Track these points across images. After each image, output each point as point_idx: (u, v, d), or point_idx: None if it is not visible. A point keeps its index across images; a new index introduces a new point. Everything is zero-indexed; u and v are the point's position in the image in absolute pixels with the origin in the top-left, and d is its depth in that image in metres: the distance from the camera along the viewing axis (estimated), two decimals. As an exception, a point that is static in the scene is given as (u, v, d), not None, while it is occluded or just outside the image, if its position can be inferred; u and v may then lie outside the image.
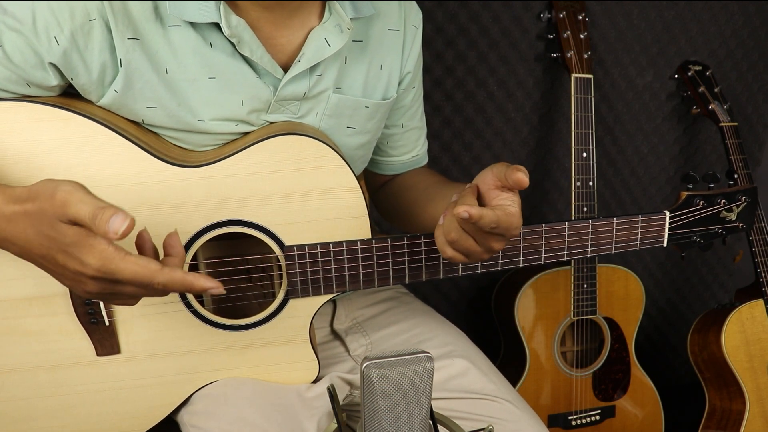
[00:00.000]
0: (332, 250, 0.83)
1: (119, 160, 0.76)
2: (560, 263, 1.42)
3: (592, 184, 1.38)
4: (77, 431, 0.84)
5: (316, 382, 0.88)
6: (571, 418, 1.48)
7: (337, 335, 1.01)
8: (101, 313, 0.80)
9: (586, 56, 1.40)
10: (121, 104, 0.77)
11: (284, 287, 0.83)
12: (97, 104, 0.78)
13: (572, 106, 1.38)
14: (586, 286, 1.42)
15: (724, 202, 0.99)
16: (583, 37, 1.40)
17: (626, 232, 0.92)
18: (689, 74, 1.55)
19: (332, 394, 0.71)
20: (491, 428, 0.71)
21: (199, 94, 0.79)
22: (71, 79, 0.75)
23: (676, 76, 1.60)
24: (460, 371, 0.93)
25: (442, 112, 1.48)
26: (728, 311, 1.43)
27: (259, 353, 0.86)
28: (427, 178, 1.03)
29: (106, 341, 0.81)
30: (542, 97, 1.55)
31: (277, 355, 0.86)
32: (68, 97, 0.79)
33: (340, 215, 0.83)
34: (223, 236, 0.81)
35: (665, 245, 0.96)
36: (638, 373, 1.53)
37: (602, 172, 1.65)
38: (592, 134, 1.38)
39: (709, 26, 1.60)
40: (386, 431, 0.59)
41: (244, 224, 0.81)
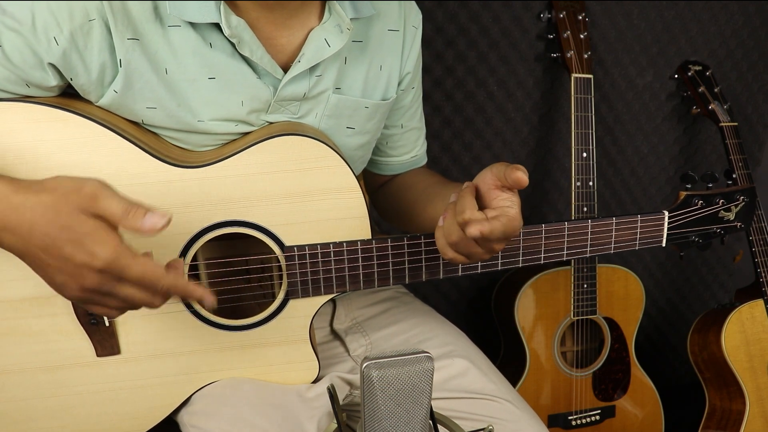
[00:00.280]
0: (332, 250, 0.83)
1: (119, 160, 0.76)
2: (560, 263, 1.42)
3: (592, 184, 1.38)
4: (77, 431, 0.84)
5: (316, 382, 0.88)
6: (571, 418, 1.48)
7: (337, 335, 1.01)
8: (101, 313, 0.80)
9: (586, 56, 1.40)
10: (120, 104, 0.77)
11: (284, 287, 0.83)
12: (96, 104, 0.78)
13: (572, 106, 1.38)
14: (586, 286, 1.42)
15: (722, 201, 0.99)
16: (583, 37, 1.40)
17: (625, 232, 0.92)
18: (689, 74, 1.55)
19: (332, 394, 0.71)
20: (491, 428, 0.71)
21: (198, 94, 0.79)
22: (70, 79, 0.75)
23: (676, 76, 1.60)
24: (460, 371, 0.93)
25: (442, 112, 1.48)
26: (728, 311, 1.43)
27: (259, 353, 0.86)
28: (426, 178, 1.03)
29: (106, 342, 0.81)
30: (542, 97, 1.55)
31: (277, 355, 0.86)
32: (68, 97, 0.79)
33: (340, 216, 0.83)
34: (223, 236, 0.81)
35: (664, 245, 0.96)
36: (638, 373, 1.53)
37: (602, 172, 1.65)
38: (592, 134, 1.38)
39: (709, 26, 1.60)
40: (386, 431, 0.59)
41: (244, 225, 0.81)
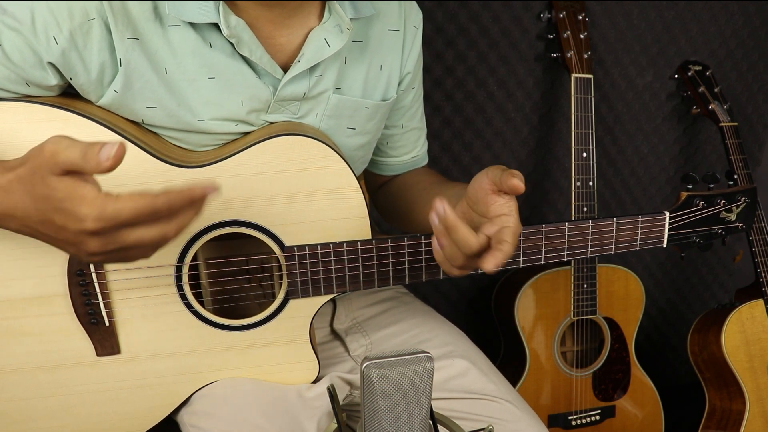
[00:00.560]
0: (332, 250, 0.83)
1: (119, 160, 0.76)
2: (560, 263, 1.42)
3: (592, 184, 1.38)
4: (77, 431, 0.84)
5: (316, 382, 0.88)
6: (571, 418, 1.48)
7: (337, 335, 1.01)
8: (101, 313, 0.80)
9: (586, 56, 1.40)
10: (120, 104, 0.77)
11: (284, 287, 0.83)
12: (96, 104, 0.77)
13: (572, 106, 1.38)
14: (586, 286, 1.42)
15: (723, 202, 0.99)
16: (583, 37, 1.40)
17: (626, 232, 0.92)
18: (689, 74, 1.55)
19: (332, 394, 0.71)
20: (491, 428, 0.71)
21: (198, 94, 0.78)
22: (70, 78, 0.74)
23: (676, 76, 1.60)
24: (460, 371, 0.93)
25: (442, 112, 1.48)
26: (728, 311, 1.43)
27: (259, 353, 0.86)
28: (426, 178, 1.03)
29: (106, 341, 0.81)
30: (542, 97, 1.55)
31: (277, 355, 0.86)
32: (68, 97, 0.79)
33: (340, 216, 0.83)
34: (223, 236, 0.81)
35: (665, 246, 0.96)
36: (638, 373, 1.53)
37: (602, 172, 1.65)
38: (592, 134, 1.38)
39: (709, 26, 1.60)
40: (386, 431, 0.59)
41: (244, 224, 0.80)
